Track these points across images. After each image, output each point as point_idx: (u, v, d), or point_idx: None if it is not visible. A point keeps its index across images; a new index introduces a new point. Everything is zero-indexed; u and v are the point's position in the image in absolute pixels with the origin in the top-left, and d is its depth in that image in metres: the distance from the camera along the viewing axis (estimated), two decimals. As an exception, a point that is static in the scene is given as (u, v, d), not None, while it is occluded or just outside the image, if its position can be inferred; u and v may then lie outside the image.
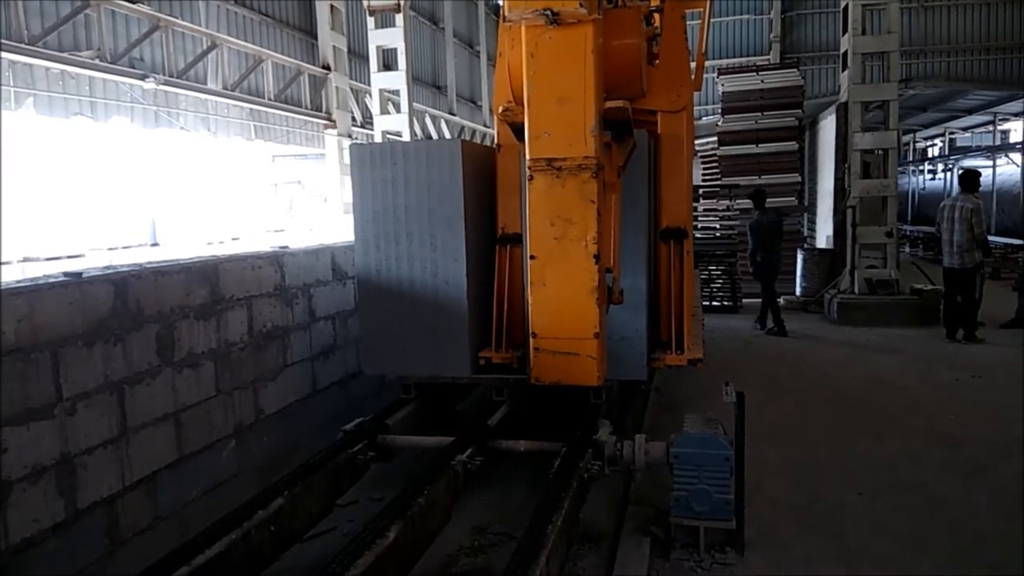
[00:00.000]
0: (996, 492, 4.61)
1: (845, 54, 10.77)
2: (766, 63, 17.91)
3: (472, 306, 4.82)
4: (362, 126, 14.97)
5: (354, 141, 13.50)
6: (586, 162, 3.62)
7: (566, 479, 3.72)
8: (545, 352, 3.85)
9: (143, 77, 9.43)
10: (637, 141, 4.27)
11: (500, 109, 4.27)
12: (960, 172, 10.19)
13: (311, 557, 3.90)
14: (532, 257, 3.79)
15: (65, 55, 8.41)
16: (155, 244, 14.33)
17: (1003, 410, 6.18)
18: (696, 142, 11.90)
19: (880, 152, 10.75)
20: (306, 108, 13.51)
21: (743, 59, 21.12)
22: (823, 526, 4.20)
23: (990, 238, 9.80)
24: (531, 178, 3.73)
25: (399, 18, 12.77)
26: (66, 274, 3.50)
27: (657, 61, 4.88)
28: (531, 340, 3.87)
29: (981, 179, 9.56)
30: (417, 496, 3.50)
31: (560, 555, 3.31)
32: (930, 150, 29.52)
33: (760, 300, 10.20)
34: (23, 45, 7.81)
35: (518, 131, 3.97)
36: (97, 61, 8.78)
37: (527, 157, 3.75)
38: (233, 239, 15.61)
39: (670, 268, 4.92)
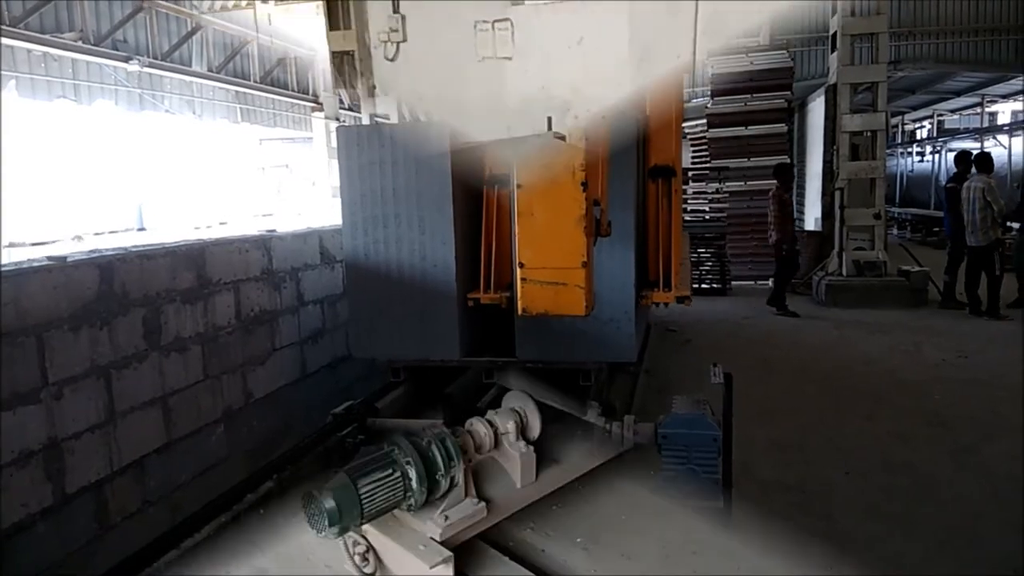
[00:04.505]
0: (983, 471, 4.66)
1: (834, 36, 10.74)
2: (756, 44, 17.82)
3: (461, 288, 4.81)
4: (350, 109, 14.83)
5: (341, 124, 13.37)
6: None
7: (556, 460, 3.74)
8: (532, 283, 3.75)
9: (127, 59, 9.33)
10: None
11: None
12: (976, 155, 10.31)
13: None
14: (518, 187, 3.72)
15: (47, 37, 8.30)
16: (142, 229, 14.20)
17: (987, 389, 6.25)
18: (685, 125, 11.87)
19: (868, 134, 10.77)
20: (293, 91, 13.39)
21: (732, 40, 21.02)
22: (812, 507, 4.22)
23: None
24: None
25: (387, -1, 12.63)
26: (51, 258, 3.47)
27: None
28: (518, 271, 3.78)
29: (994, 161, 9.96)
30: (407, 478, 3.50)
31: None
32: (918, 132, 29.57)
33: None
34: (4, 27, 7.70)
35: None
36: (80, 43, 8.67)
37: None
38: (221, 223, 15.50)
39: (658, 207, 4.89)
